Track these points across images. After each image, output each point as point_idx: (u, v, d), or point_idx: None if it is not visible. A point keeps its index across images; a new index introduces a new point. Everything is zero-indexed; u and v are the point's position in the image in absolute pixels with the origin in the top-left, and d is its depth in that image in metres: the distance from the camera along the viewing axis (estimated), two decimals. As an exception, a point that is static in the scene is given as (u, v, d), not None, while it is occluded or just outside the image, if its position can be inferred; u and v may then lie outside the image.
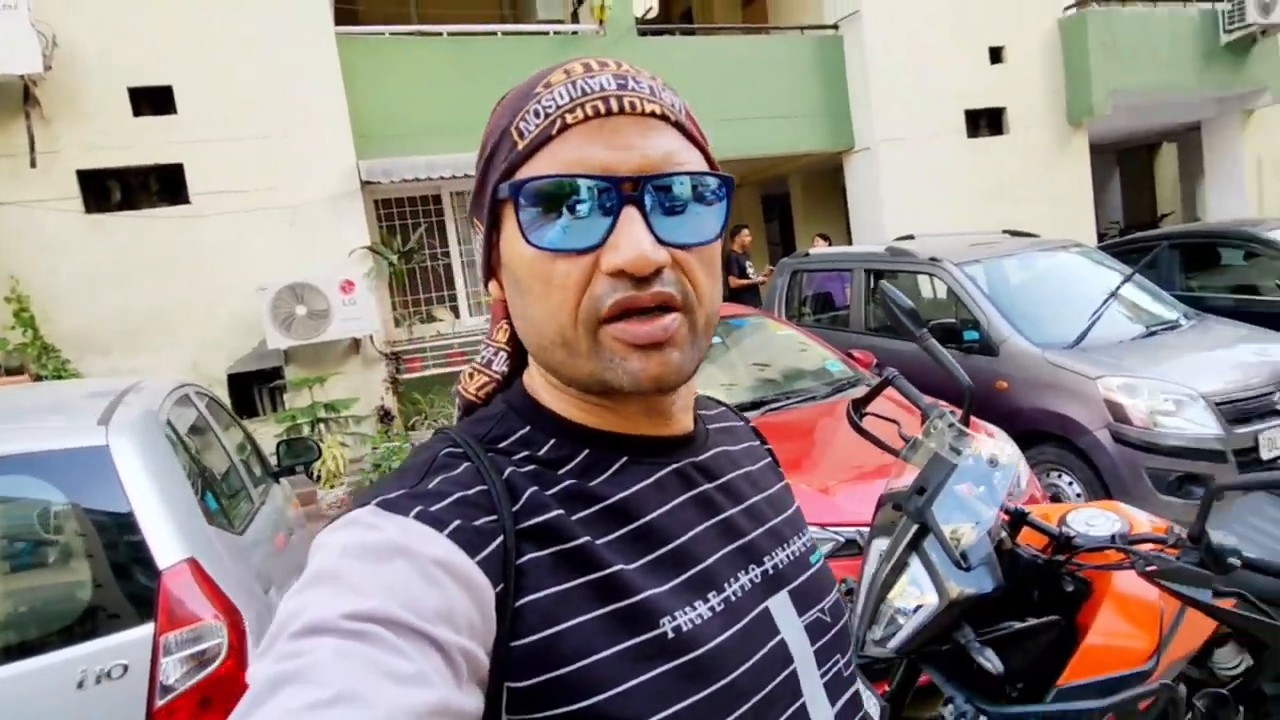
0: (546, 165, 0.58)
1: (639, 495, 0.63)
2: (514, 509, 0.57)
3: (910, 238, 6.42)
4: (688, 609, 0.59)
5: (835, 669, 0.69)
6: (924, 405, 1.82)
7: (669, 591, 0.59)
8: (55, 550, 1.85)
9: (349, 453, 6.50)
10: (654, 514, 0.63)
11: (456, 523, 0.54)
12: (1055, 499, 4.11)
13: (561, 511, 0.58)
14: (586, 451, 0.63)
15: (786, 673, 0.63)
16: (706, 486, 0.68)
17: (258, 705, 0.43)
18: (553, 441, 0.63)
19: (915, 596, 1.60)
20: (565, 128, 0.58)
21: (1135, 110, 10.30)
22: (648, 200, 0.57)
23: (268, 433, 5.96)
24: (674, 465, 0.67)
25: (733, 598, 0.63)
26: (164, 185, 6.47)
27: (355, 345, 6.91)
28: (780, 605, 0.66)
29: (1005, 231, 6.01)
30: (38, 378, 5.70)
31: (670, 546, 0.62)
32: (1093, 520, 1.74)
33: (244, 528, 2.47)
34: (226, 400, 5.62)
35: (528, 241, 0.58)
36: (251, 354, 6.58)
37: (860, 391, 2.15)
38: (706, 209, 0.61)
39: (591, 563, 0.57)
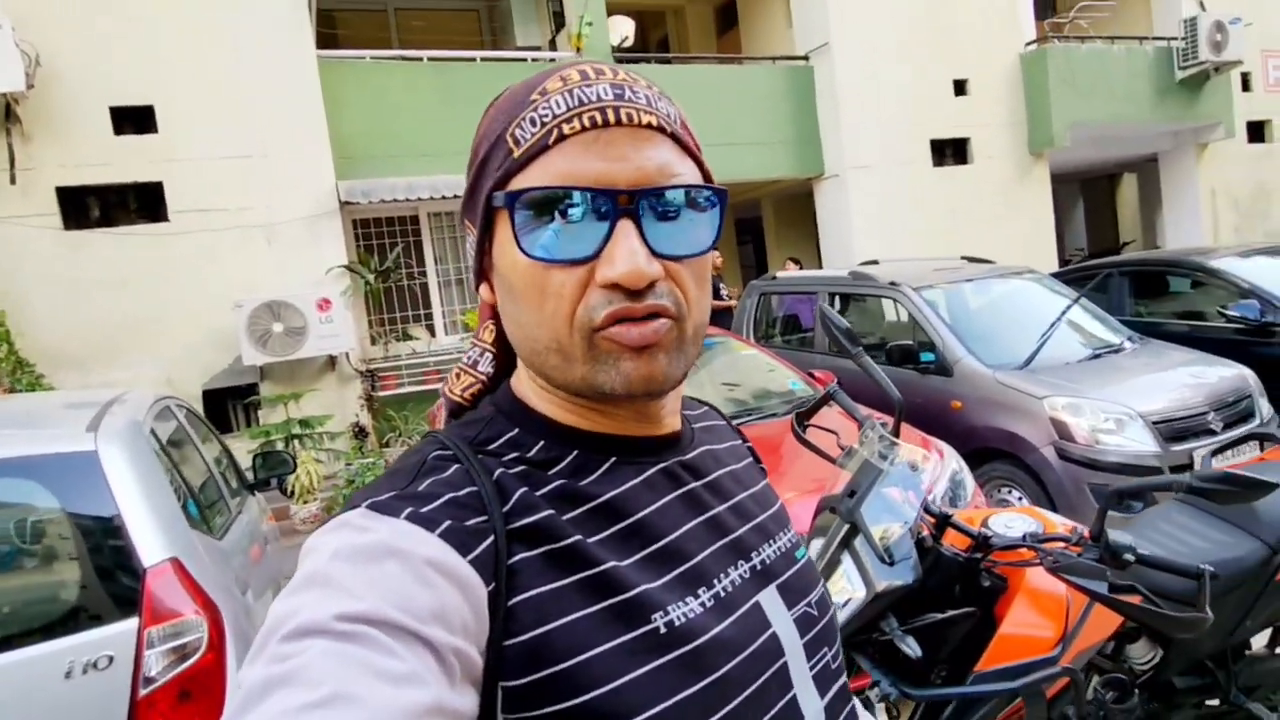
0: (542, 176, 0.58)
1: (629, 494, 0.63)
2: (504, 510, 0.57)
3: (875, 262, 6.64)
4: (680, 604, 0.59)
5: (824, 661, 0.69)
6: (860, 416, 1.97)
7: (661, 587, 0.59)
8: (45, 548, 1.95)
9: (323, 469, 6.56)
10: (644, 512, 0.63)
11: (447, 523, 0.54)
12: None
13: (552, 511, 0.59)
14: (575, 453, 0.64)
15: (777, 665, 0.64)
16: (694, 484, 0.69)
17: (250, 707, 0.42)
18: (542, 443, 0.64)
19: (847, 591, 1.74)
20: (562, 138, 0.58)
21: (1094, 142, 10.72)
22: (642, 212, 0.58)
23: (242, 448, 6.00)
24: (662, 464, 0.67)
25: (723, 593, 0.63)
26: (143, 203, 6.54)
27: (331, 362, 6.98)
28: (770, 599, 0.67)
29: (963, 258, 6.24)
30: (11, 391, 5.72)
31: (661, 543, 0.62)
32: (1011, 523, 1.90)
33: (222, 534, 2.57)
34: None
35: (523, 251, 0.58)
36: (227, 370, 6.64)
37: (811, 406, 2.30)
38: (700, 221, 0.61)
39: (583, 561, 0.57)
